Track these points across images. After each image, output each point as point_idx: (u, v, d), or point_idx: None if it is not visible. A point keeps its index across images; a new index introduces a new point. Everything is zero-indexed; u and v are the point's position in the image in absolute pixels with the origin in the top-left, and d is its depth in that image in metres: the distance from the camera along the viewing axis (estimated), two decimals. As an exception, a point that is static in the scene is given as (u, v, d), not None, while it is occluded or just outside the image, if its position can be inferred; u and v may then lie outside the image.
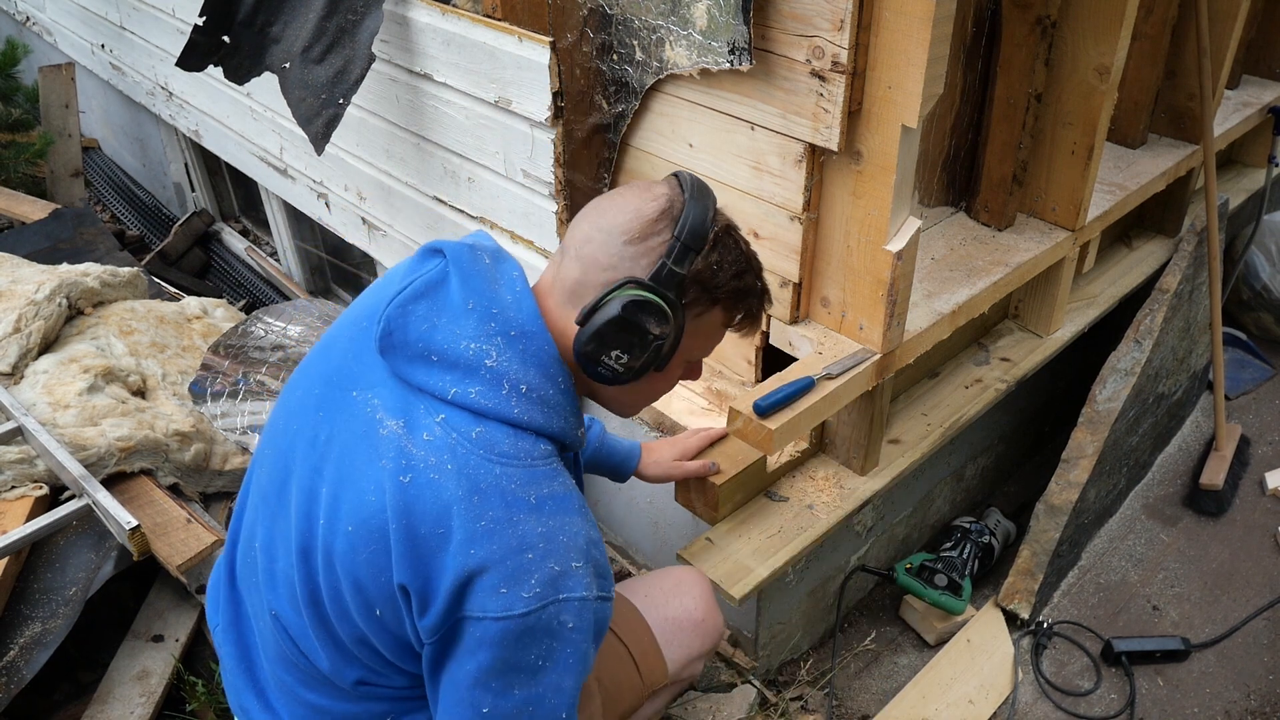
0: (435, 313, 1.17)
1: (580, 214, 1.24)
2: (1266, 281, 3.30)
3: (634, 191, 1.21)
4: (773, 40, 1.69)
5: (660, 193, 1.20)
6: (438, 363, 1.15)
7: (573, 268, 1.21)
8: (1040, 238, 2.31)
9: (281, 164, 3.19)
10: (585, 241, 1.20)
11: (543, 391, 1.18)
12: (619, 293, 1.17)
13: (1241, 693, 2.25)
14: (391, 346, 1.18)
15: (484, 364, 1.15)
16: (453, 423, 1.14)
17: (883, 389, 1.99)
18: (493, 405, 1.15)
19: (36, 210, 3.57)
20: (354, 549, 1.15)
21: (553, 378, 1.20)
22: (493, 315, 1.17)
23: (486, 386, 1.15)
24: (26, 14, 4.54)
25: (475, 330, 1.16)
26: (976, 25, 2.14)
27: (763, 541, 1.95)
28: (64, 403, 2.33)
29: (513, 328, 1.17)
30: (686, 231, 1.17)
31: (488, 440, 1.14)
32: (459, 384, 1.15)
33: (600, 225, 1.19)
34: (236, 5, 2.41)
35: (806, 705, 2.20)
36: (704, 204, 1.20)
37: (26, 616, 2.03)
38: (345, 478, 1.18)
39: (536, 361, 1.18)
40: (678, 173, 1.26)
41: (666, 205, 1.19)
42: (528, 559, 1.11)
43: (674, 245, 1.17)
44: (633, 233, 1.18)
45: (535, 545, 1.12)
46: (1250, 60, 3.24)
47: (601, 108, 2.08)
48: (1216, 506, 2.71)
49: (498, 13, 2.10)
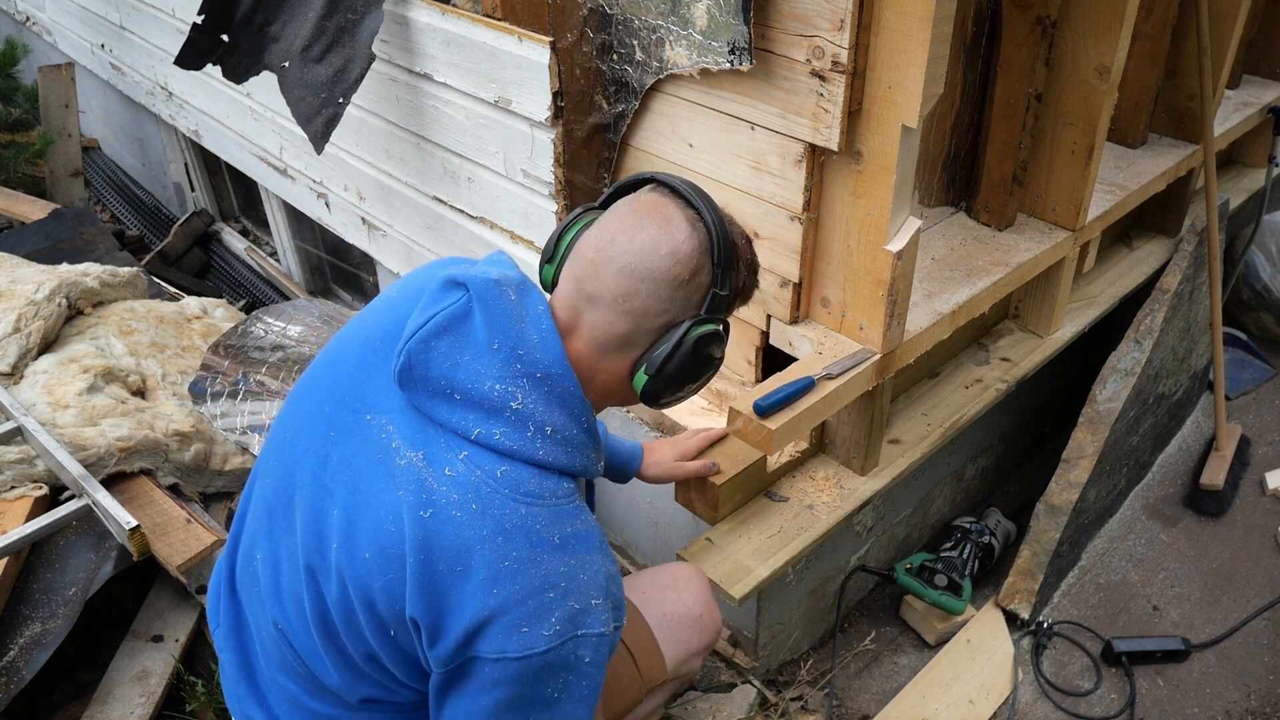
0: (458, 350, 1.15)
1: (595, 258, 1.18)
2: (1267, 281, 3.30)
3: (654, 226, 1.17)
4: (773, 40, 1.69)
5: (679, 221, 1.18)
6: (460, 401, 1.14)
7: (619, 322, 1.18)
8: (1040, 238, 2.31)
9: (281, 164, 3.19)
10: (630, 295, 1.17)
11: (568, 433, 1.17)
12: (689, 336, 1.18)
13: (1242, 693, 2.25)
14: (412, 381, 1.16)
15: (509, 405, 1.14)
16: (476, 461, 1.13)
17: (883, 389, 1.99)
18: (518, 447, 1.14)
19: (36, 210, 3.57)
20: (370, 574, 1.15)
21: (577, 418, 1.19)
22: (519, 356, 1.15)
23: (511, 428, 1.14)
24: (26, 14, 4.54)
25: (500, 371, 1.14)
26: (976, 25, 2.13)
27: (763, 541, 1.95)
28: (64, 403, 2.33)
29: (539, 369, 1.16)
30: (723, 256, 1.18)
31: (513, 480, 1.13)
32: (482, 424, 1.13)
33: (638, 274, 1.16)
34: (235, 4, 2.41)
35: (806, 705, 2.20)
36: (721, 219, 1.19)
37: (26, 616, 2.03)
38: (361, 504, 1.17)
39: (562, 403, 1.17)
40: (671, 185, 1.22)
41: (695, 236, 1.18)
42: (549, 598, 1.11)
43: (716, 273, 1.18)
44: (680, 277, 1.17)
45: (558, 584, 1.12)
46: (1251, 60, 3.24)
47: (601, 108, 2.07)
48: (1217, 507, 2.71)
49: (498, 12, 2.10)
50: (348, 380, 1.25)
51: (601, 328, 1.19)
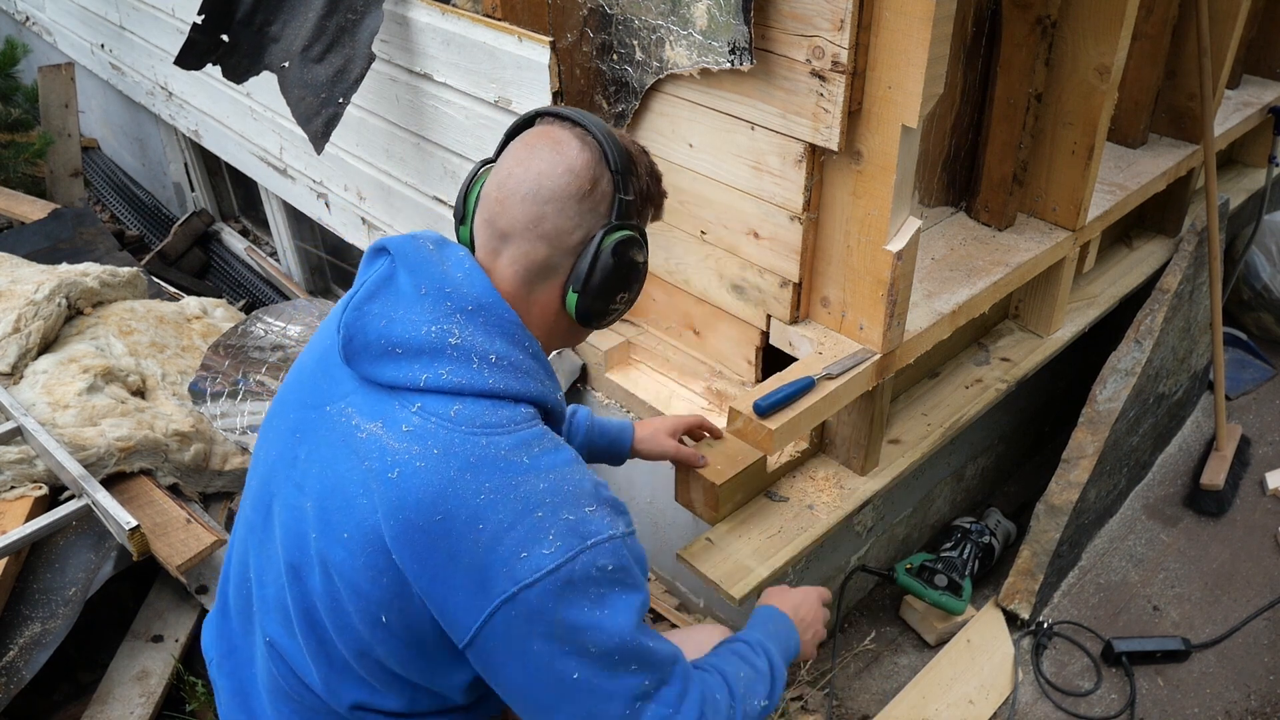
0: (390, 308, 1.17)
1: (499, 195, 1.21)
2: (1267, 281, 3.30)
3: (544, 153, 1.19)
4: (773, 40, 1.69)
5: (568, 140, 1.20)
6: (402, 355, 1.15)
7: (537, 249, 1.20)
8: (1040, 238, 2.31)
9: (281, 164, 3.19)
10: (536, 221, 1.19)
11: (512, 358, 1.18)
12: (605, 243, 1.20)
13: (1242, 693, 2.24)
14: (355, 352, 1.17)
15: (448, 343, 1.15)
16: (430, 409, 1.13)
17: (883, 389, 1.99)
18: (466, 381, 1.14)
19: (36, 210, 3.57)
20: (352, 555, 1.14)
21: (519, 343, 1.19)
22: (446, 295, 1.16)
23: (455, 364, 1.14)
24: (26, 14, 4.54)
25: (432, 313, 1.16)
26: (976, 25, 2.13)
27: (763, 541, 1.95)
28: (63, 403, 2.33)
29: (469, 302, 1.17)
30: (618, 162, 1.20)
31: (468, 416, 1.13)
32: (428, 369, 1.14)
33: (542, 197, 1.18)
34: (235, 4, 2.41)
35: (806, 705, 2.20)
36: (609, 131, 1.22)
37: (26, 617, 2.03)
38: (331, 488, 1.17)
39: (501, 331, 1.18)
40: (553, 113, 1.24)
41: (587, 149, 1.20)
42: (538, 517, 1.10)
43: (617, 180, 1.20)
44: (582, 189, 1.19)
45: (543, 502, 1.10)
46: (1251, 60, 3.24)
47: (601, 108, 2.07)
48: (1217, 507, 2.71)
49: (498, 12, 2.10)
50: (308, 383, 1.27)
51: (522, 259, 1.21)
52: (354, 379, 1.20)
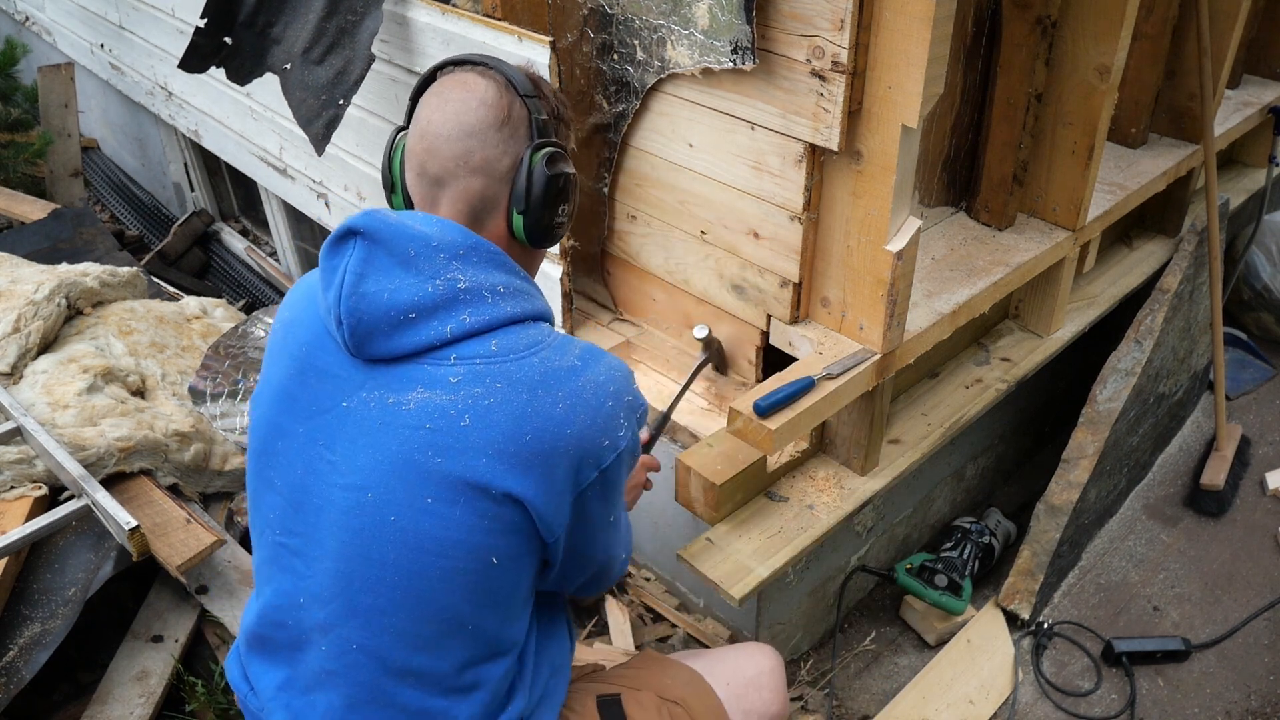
0: (386, 279, 1.16)
1: (424, 145, 1.24)
2: (1267, 281, 3.30)
3: (454, 95, 1.24)
4: (773, 40, 1.69)
5: (473, 79, 1.25)
6: (418, 317, 1.16)
7: (473, 183, 1.24)
8: (1041, 238, 2.31)
9: (281, 164, 3.19)
10: (465, 156, 1.23)
11: (515, 285, 1.24)
12: (535, 160, 1.25)
13: (1242, 693, 2.24)
14: (365, 335, 1.16)
15: (458, 290, 1.17)
16: (467, 353, 1.17)
17: (883, 389, 1.99)
18: (490, 316, 1.18)
19: (36, 210, 3.57)
20: (443, 517, 1.16)
21: (515, 271, 1.25)
22: (433, 249, 1.18)
23: (473, 306, 1.18)
24: (26, 14, 4.54)
25: (430, 270, 1.17)
26: (976, 25, 2.13)
27: (763, 541, 1.95)
28: (63, 403, 2.33)
29: (458, 248, 1.20)
30: (524, 86, 1.26)
31: (508, 345, 1.18)
32: (449, 320, 1.16)
33: (464, 132, 1.23)
34: (237, 6, 2.41)
35: (806, 705, 2.20)
36: (506, 63, 1.28)
37: (26, 617, 2.02)
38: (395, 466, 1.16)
39: (496, 264, 1.23)
40: (451, 60, 1.29)
41: (492, 80, 1.25)
42: (610, 407, 1.21)
43: (529, 102, 1.26)
44: (498, 119, 1.24)
45: (608, 391, 1.22)
46: (1251, 60, 3.24)
47: (602, 107, 2.07)
48: (1217, 507, 2.71)
49: (498, 12, 2.10)
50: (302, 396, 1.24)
51: (461, 198, 1.25)
52: (362, 368, 1.19)
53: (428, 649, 1.22)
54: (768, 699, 1.56)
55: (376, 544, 1.18)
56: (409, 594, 1.19)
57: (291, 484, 1.25)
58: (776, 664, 1.61)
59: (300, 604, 1.26)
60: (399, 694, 1.23)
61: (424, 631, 1.21)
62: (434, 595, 1.19)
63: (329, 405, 1.21)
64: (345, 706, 1.25)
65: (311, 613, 1.25)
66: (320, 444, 1.22)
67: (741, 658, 1.60)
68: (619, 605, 2.37)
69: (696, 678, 1.52)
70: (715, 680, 1.53)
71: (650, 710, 1.43)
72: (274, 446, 1.27)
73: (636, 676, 1.51)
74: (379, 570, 1.19)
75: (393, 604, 1.20)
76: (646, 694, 1.46)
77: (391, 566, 1.18)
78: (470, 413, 1.15)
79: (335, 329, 1.18)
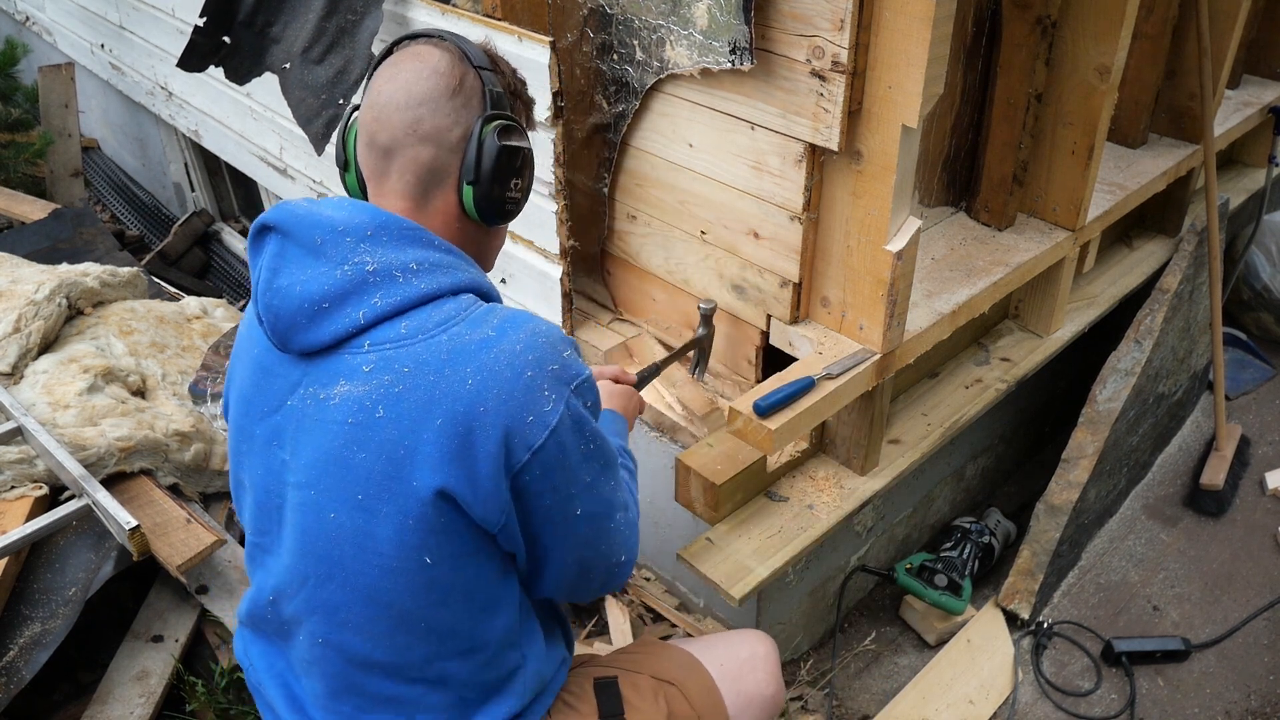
0: (296, 271, 1.15)
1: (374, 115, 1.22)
2: (1267, 281, 3.30)
3: (406, 65, 1.22)
4: (773, 40, 1.69)
5: (426, 50, 1.23)
6: (330, 306, 1.14)
7: (422, 152, 1.21)
8: (1040, 238, 2.31)
9: (281, 164, 3.19)
10: (414, 124, 1.20)
11: (433, 259, 1.18)
12: (486, 130, 1.21)
13: (1242, 693, 2.24)
14: (285, 330, 1.15)
15: (366, 273, 1.14)
16: (379, 339, 1.14)
17: (883, 389, 1.99)
18: (400, 297, 1.14)
19: (36, 210, 3.57)
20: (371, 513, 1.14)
21: (429, 244, 1.19)
22: (339, 234, 1.15)
23: (383, 288, 1.14)
24: (26, 14, 4.54)
25: (337, 256, 1.15)
26: (976, 25, 2.13)
27: (763, 541, 1.95)
28: (64, 403, 2.33)
29: (365, 229, 1.16)
30: (478, 58, 1.24)
31: (417, 326, 1.14)
32: (360, 305, 1.14)
33: (414, 101, 1.20)
34: (237, 6, 2.41)
35: (806, 705, 2.20)
36: (459, 36, 1.26)
37: (26, 617, 2.02)
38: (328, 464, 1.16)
39: (408, 240, 1.18)
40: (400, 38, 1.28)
41: (446, 50, 1.23)
42: (528, 378, 1.12)
43: (483, 74, 1.23)
44: (451, 86, 1.21)
45: (525, 359, 1.13)
46: (1251, 60, 3.24)
47: (602, 108, 2.08)
48: (1217, 507, 2.71)
49: (497, 12, 2.10)
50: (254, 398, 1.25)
51: (409, 167, 1.22)
52: (298, 364, 1.19)
53: (384, 643, 1.22)
54: (762, 680, 1.57)
55: (323, 541, 1.18)
56: (357, 590, 1.19)
57: (256, 485, 1.26)
58: (770, 649, 1.62)
59: (272, 600, 1.29)
60: (368, 684, 1.25)
61: (377, 628, 1.21)
62: (379, 592, 1.18)
63: (277, 404, 1.21)
64: (327, 694, 1.28)
65: (283, 607, 1.27)
66: (274, 444, 1.23)
67: (736, 642, 1.62)
68: (619, 605, 2.37)
69: (691, 660, 1.53)
70: (709, 662, 1.54)
71: (646, 692, 1.44)
72: (241, 449, 1.29)
73: (633, 659, 1.51)
74: (328, 567, 1.19)
75: (345, 600, 1.20)
76: (643, 676, 1.46)
77: (338, 564, 1.19)
78: (383, 403, 1.11)
79: (260, 331, 1.19)
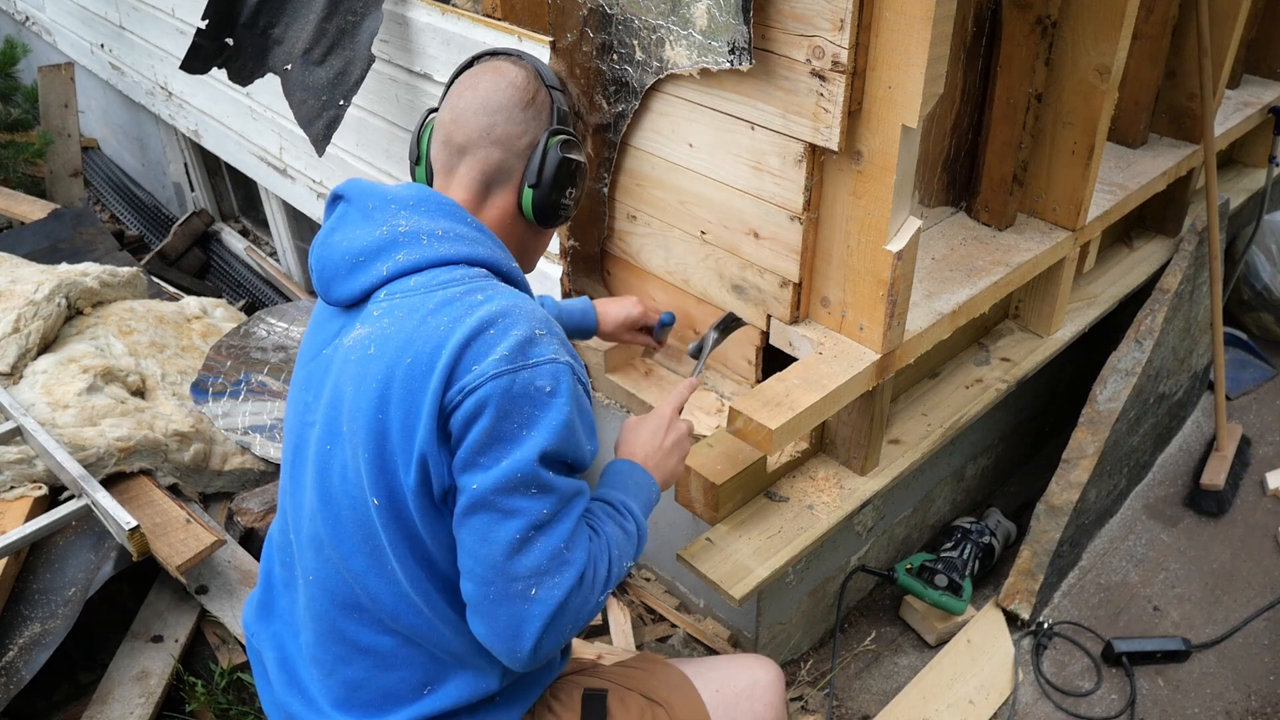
0: (347, 230, 1.30)
1: (453, 117, 1.34)
2: (1267, 281, 3.30)
3: (486, 77, 1.35)
4: (773, 40, 1.69)
5: (505, 66, 1.36)
6: (364, 260, 1.27)
7: (492, 153, 1.34)
8: (1041, 238, 2.31)
9: (281, 164, 3.19)
10: (489, 128, 1.33)
11: (457, 230, 1.29)
12: (551, 142, 1.35)
13: (1242, 693, 2.24)
14: (328, 281, 1.30)
15: (398, 233, 1.27)
16: (393, 289, 1.26)
17: (883, 389, 1.99)
18: (419, 256, 1.26)
19: (36, 210, 3.57)
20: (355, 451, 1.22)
21: (462, 218, 1.31)
22: (388, 202, 1.30)
23: (408, 247, 1.26)
24: (26, 14, 4.54)
25: (380, 219, 1.29)
26: (976, 25, 2.13)
27: (763, 541, 1.95)
28: (63, 403, 2.33)
29: (410, 200, 1.30)
30: (551, 79, 1.37)
31: (424, 281, 1.25)
32: (386, 260, 1.26)
33: (491, 108, 1.33)
34: (239, 8, 2.41)
35: (806, 705, 2.20)
36: (536, 57, 1.39)
37: (26, 617, 2.03)
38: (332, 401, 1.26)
39: (443, 213, 1.30)
40: (481, 53, 1.40)
41: (523, 68, 1.36)
42: (490, 334, 1.18)
43: (553, 92, 1.37)
44: (524, 100, 1.34)
45: (495, 321, 1.19)
46: (1251, 60, 3.24)
47: (601, 107, 2.07)
48: (1217, 507, 2.71)
49: (497, 13, 2.10)
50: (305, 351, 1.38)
51: (478, 165, 1.34)
52: (339, 316, 1.32)
53: (360, 582, 1.29)
54: (759, 711, 1.53)
55: (323, 475, 1.28)
56: (339, 525, 1.27)
57: (289, 428, 1.39)
58: (774, 677, 1.57)
59: (291, 540, 1.39)
60: (348, 629, 1.31)
61: (354, 564, 1.28)
62: (358, 525, 1.26)
63: (315, 353, 1.35)
64: (315, 641, 1.35)
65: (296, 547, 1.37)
66: (304, 388, 1.36)
67: (736, 667, 1.57)
68: (619, 605, 2.37)
69: (685, 682, 1.51)
70: (705, 686, 1.52)
71: (633, 710, 1.44)
72: (289, 399, 1.42)
73: (627, 675, 1.51)
74: (323, 501, 1.29)
75: (331, 533, 1.29)
76: (633, 694, 1.47)
77: (329, 497, 1.28)
78: (375, 342, 1.22)
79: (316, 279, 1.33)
